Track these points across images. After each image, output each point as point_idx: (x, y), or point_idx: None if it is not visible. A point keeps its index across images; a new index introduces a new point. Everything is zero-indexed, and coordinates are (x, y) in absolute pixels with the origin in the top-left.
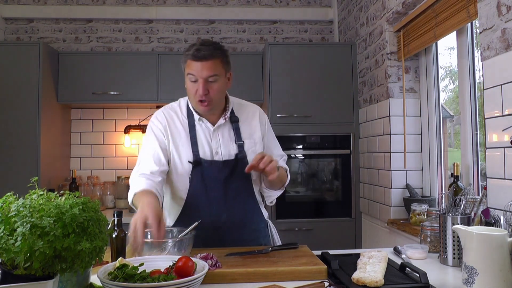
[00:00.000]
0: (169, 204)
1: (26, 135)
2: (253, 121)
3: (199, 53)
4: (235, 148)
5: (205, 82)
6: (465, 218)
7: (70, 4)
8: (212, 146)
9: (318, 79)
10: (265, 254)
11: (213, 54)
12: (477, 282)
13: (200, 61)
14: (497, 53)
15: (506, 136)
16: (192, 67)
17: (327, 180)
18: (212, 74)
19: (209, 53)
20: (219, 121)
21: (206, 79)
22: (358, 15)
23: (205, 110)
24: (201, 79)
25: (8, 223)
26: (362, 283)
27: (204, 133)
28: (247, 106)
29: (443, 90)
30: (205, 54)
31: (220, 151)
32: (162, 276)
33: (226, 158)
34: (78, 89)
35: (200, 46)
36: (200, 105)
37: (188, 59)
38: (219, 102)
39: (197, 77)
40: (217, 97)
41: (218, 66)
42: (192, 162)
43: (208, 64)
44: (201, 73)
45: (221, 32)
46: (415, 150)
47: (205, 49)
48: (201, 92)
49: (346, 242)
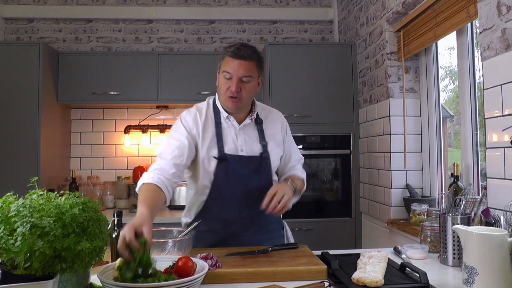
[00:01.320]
0: (191, 199)
1: (26, 135)
2: (275, 124)
3: (239, 52)
4: (260, 147)
5: (238, 81)
6: (465, 218)
7: (70, 4)
8: (237, 144)
9: (318, 79)
10: (265, 254)
11: (251, 56)
12: (477, 282)
13: (238, 59)
14: (497, 53)
15: (506, 136)
16: (230, 64)
17: (327, 180)
18: (247, 75)
19: (248, 53)
20: (246, 120)
21: (241, 78)
22: (358, 15)
23: (234, 108)
24: (236, 77)
25: (8, 223)
26: (362, 283)
27: (230, 131)
28: (271, 110)
29: (443, 90)
30: (244, 54)
31: (245, 148)
32: (162, 276)
33: (251, 154)
34: (78, 89)
35: (241, 47)
36: (230, 102)
37: (227, 56)
38: (248, 102)
39: (233, 75)
40: (247, 97)
41: (253, 68)
42: (217, 157)
43: (245, 64)
44: (238, 71)
45: (221, 32)
46: (415, 150)
47: (245, 50)
48: (233, 89)
49: (346, 242)
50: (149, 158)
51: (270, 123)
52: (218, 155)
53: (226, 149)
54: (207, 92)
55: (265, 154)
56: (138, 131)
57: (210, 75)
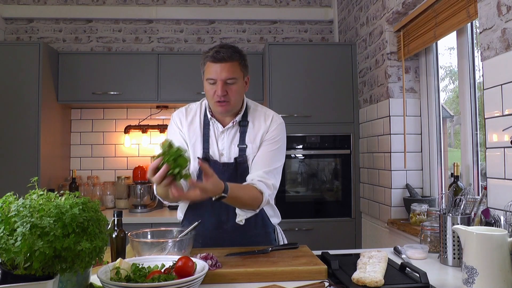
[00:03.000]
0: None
1: (26, 135)
2: (261, 125)
3: (218, 55)
4: (236, 151)
5: (223, 84)
6: (465, 218)
7: (70, 4)
8: (219, 147)
9: (318, 79)
10: (265, 254)
11: (231, 57)
12: (477, 282)
13: (219, 62)
14: (497, 53)
15: (506, 136)
16: (211, 69)
17: (327, 180)
18: (231, 77)
19: (228, 55)
20: (228, 124)
21: (225, 80)
22: (358, 15)
23: (223, 111)
24: (220, 81)
25: (8, 223)
26: (362, 283)
27: (214, 133)
28: (262, 111)
29: (443, 90)
30: (224, 56)
31: (225, 153)
32: (162, 276)
33: (226, 160)
34: (78, 89)
35: (219, 49)
36: (218, 106)
37: (207, 61)
38: (237, 104)
39: (216, 79)
40: (235, 98)
41: (237, 68)
42: (201, 158)
43: (227, 66)
44: (220, 74)
45: (221, 32)
46: (415, 150)
47: (224, 52)
48: (219, 93)
49: (346, 242)
50: (149, 158)
51: (256, 124)
52: (203, 156)
53: (211, 151)
54: None
55: (240, 159)
56: (138, 131)
57: None
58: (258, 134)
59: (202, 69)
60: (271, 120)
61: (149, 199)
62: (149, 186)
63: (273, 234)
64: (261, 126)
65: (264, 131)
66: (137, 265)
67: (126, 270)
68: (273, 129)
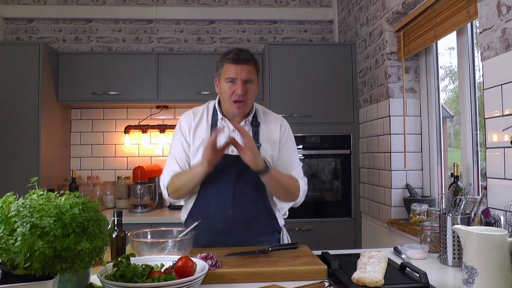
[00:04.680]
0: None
1: (26, 135)
2: (273, 127)
3: (239, 57)
4: None
5: (243, 83)
6: (465, 218)
7: (70, 4)
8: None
9: (318, 79)
10: (265, 254)
11: (250, 60)
12: (477, 282)
13: (240, 64)
14: (497, 53)
15: (506, 136)
16: (232, 70)
17: (327, 180)
18: (250, 78)
19: (247, 57)
20: (241, 123)
21: (245, 81)
22: (358, 15)
23: (239, 112)
24: (240, 81)
25: (8, 223)
26: (362, 283)
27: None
28: (271, 114)
29: (443, 90)
30: (244, 58)
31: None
32: (162, 276)
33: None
34: (78, 89)
35: (239, 52)
36: (235, 107)
37: (227, 63)
38: (250, 105)
39: (237, 78)
40: (251, 99)
41: (253, 71)
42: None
43: (247, 68)
44: (241, 74)
45: (221, 32)
46: (415, 150)
47: (243, 54)
48: (239, 92)
49: (346, 242)
50: (149, 158)
51: (268, 125)
52: None
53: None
54: (207, 92)
55: None
56: (138, 131)
57: (210, 75)
58: (273, 135)
59: (219, 71)
60: (281, 123)
61: (149, 199)
62: (149, 186)
63: (278, 235)
64: (272, 127)
65: (279, 130)
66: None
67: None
68: (287, 132)
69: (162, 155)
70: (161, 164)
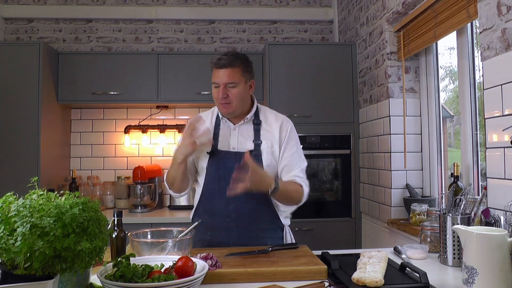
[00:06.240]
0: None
1: (26, 135)
2: (274, 126)
3: (219, 62)
4: (252, 145)
5: (224, 87)
6: (465, 218)
7: (70, 4)
8: (230, 142)
9: (318, 79)
10: (265, 254)
11: (232, 63)
12: (477, 282)
13: (220, 68)
14: (497, 53)
15: (506, 136)
16: (215, 75)
17: (327, 180)
18: (230, 81)
19: (228, 62)
20: (240, 121)
21: (225, 84)
22: (358, 15)
23: (226, 112)
24: (221, 85)
25: (8, 223)
26: (362, 283)
27: (225, 131)
28: (273, 113)
29: (443, 90)
30: (224, 63)
31: (236, 146)
32: (162, 276)
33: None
34: (78, 89)
35: (222, 56)
36: (222, 107)
37: (213, 69)
38: (240, 106)
39: (219, 83)
40: (237, 101)
41: (237, 74)
42: (209, 152)
43: (227, 72)
44: (221, 79)
45: (221, 32)
46: (415, 150)
47: (225, 59)
48: (220, 96)
49: (346, 242)
50: (149, 158)
51: (269, 124)
52: (210, 150)
53: (219, 146)
54: (207, 92)
55: (255, 152)
56: (138, 131)
57: (210, 75)
58: (275, 134)
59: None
60: (282, 122)
61: (149, 199)
62: (149, 186)
63: (281, 233)
64: (275, 127)
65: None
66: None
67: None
68: (289, 131)
69: (162, 155)
70: (161, 164)
